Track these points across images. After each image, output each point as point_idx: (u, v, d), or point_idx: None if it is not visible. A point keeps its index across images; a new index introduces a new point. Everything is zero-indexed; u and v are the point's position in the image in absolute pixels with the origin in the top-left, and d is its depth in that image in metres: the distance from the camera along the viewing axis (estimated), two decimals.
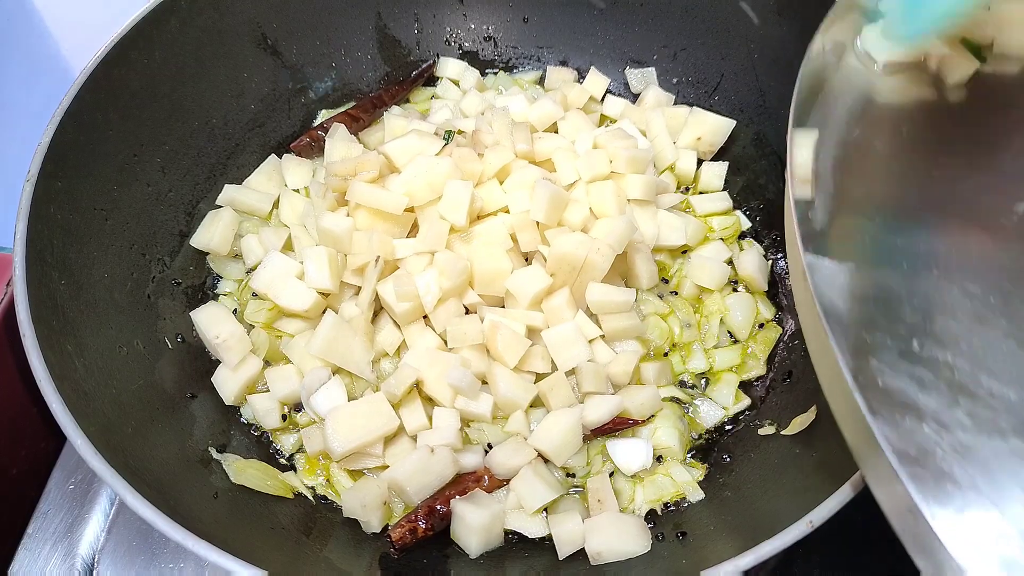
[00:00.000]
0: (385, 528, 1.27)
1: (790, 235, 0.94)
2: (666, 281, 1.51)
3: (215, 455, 1.27)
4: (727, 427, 1.40)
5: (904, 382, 0.83)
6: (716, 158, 1.67)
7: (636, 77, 1.76)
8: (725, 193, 1.62)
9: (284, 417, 1.37)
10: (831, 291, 0.88)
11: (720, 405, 1.40)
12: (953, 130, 1.06)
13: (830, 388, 0.89)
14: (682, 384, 1.44)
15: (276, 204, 1.58)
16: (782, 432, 1.30)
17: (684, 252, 1.54)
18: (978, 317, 0.89)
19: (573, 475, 1.33)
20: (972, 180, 1.03)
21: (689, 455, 1.37)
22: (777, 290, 1.53)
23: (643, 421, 1.34)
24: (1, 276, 1.33)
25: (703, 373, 1.45)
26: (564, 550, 1.22)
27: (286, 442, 1.36)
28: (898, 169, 1.04)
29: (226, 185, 1.57)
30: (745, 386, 1.44)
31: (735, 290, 1.52)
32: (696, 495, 1.30)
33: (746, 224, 1.61)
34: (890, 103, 1.09)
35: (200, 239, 1.50)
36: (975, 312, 0.89)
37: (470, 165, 1.40)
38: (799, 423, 1.28)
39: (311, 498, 1.30)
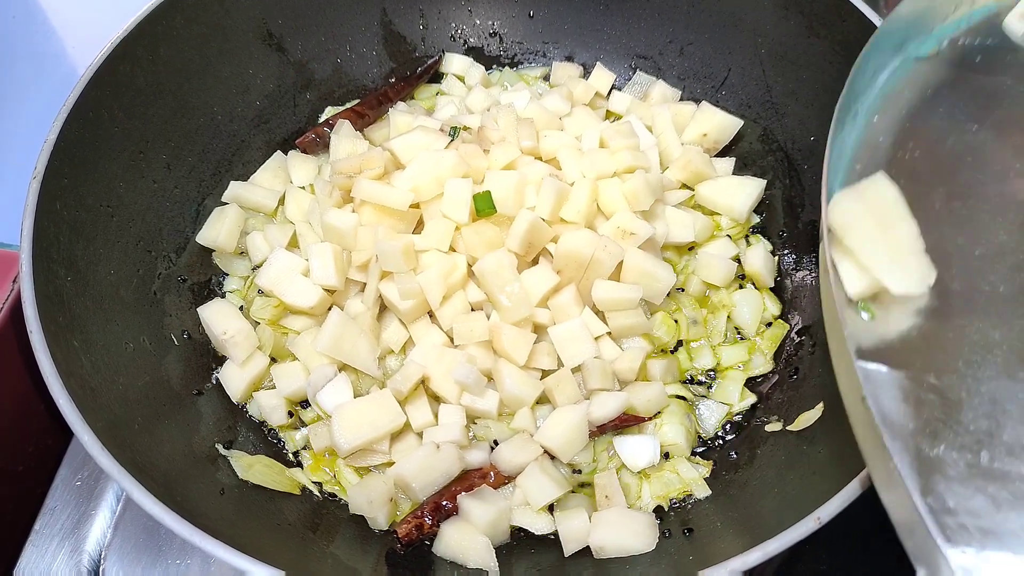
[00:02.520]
0: (391, 524, 1.27)
1: (838, 344, 0.84)
2: None
3: (222, 451, 1.27)
4: (734, 424, 1.39)
5: (978, 503, 0.72)
6: (722, 154, 1.66)
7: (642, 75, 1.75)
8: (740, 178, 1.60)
9: (290, 414, 1.38)
10: (887, 402, 0.78)
11: (725, 402, 1.40)
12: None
13: (895, 508, 0.78)
14: (689, 381, 1.43)
15: (282, 201, 1.58)
16: (788, 428, 1.30)
17: (691, 249, 1.54)
18: None
19: (579, 471, 1.32)
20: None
21: (696, 451, 1.36)
22: (783, 286, 1.53)
23: (649, 418, 1.34)
24: (8, 273, 1.34)
25: (710, 370, 1.44)
26: (570, 547, 1.22)
27: (292, 439, 1.36)
28: (933, 247, 0.91)
29: (231, 182, 1.58)
30: (752, 383, 1.43)
31: (742, 286, 1.52)
32: (703, 491, 1.29)
33: (754, 219, 1.60)
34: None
35: (206, 236, 1.50)
36: None
37: (475, 161, 1.40)
38: (805, 419, 1.27)
39: (317, 494, 1.30)
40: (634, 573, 1.16)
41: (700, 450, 1.37)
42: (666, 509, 1.29)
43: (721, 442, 1.38)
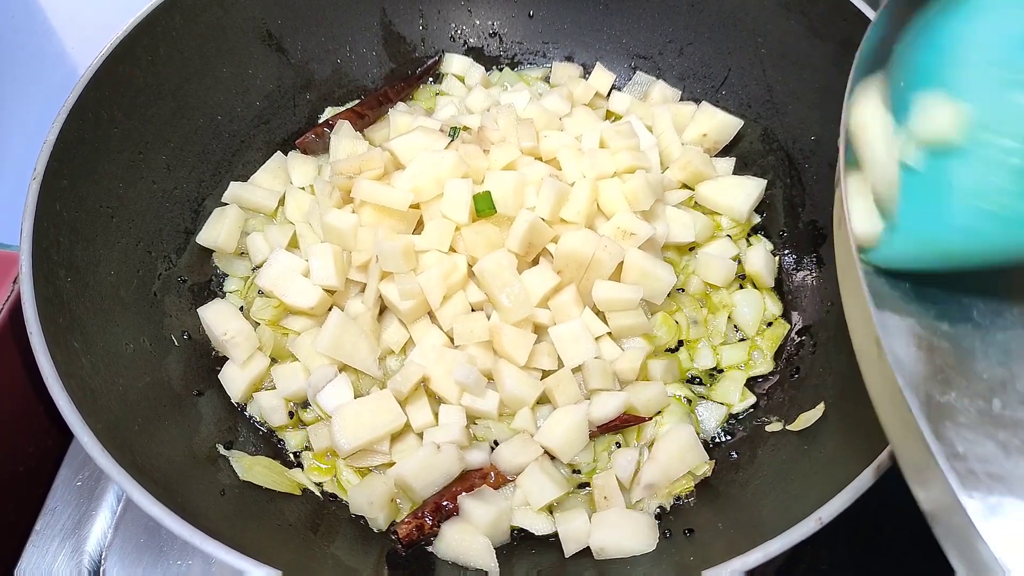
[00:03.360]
0: (392, 525, 1.27)
1: (852, 290, 0.83)
2: None
3: (222, 452, 1.27)
4: (735, 424, 1.39)
5: (989, 449, 0.73)
6: (722, 154, 1.66)
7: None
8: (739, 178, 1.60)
9: (291, 414, 1.37)
10: (899, 348, 0.77)
11: (725, 403, 1.40)
12: None
13: (905, 453, 0.78)
14: (690, 381, 1.43)
15: (282, 201, 1.58)
16: (789, 428, 1.30)
17: (691, 249, 1.53)
18: None
19: (579, 472, 1.32)
20: None
21: None
22: (784, 286, 1.53)
23: (649, 417, 1.33)
24: (7, 274, 1.34)
25: (711, 370, 1.44)
26: (570, 548, 1.22)
27: (292, 439, 1.36)
28: None
29: (231, 182, 1.57)
30: (752, 383, 1.43)
31: (742, 286, 1.51)
32: (703, 492, 1.29)
33: (754, 219, 1.60)
34: None
35: (206, 236, 1.50)
36: None
37: (475, 162, 1.39)
38: (805, 419, 1.27)
39: (318, 495, 1.30)
40: (635, 574, 1.16)
41: None
42: (667, 509, 1.29)
43: (722, 442, 1.38)
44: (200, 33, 1.50)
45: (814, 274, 1.49)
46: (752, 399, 1.40)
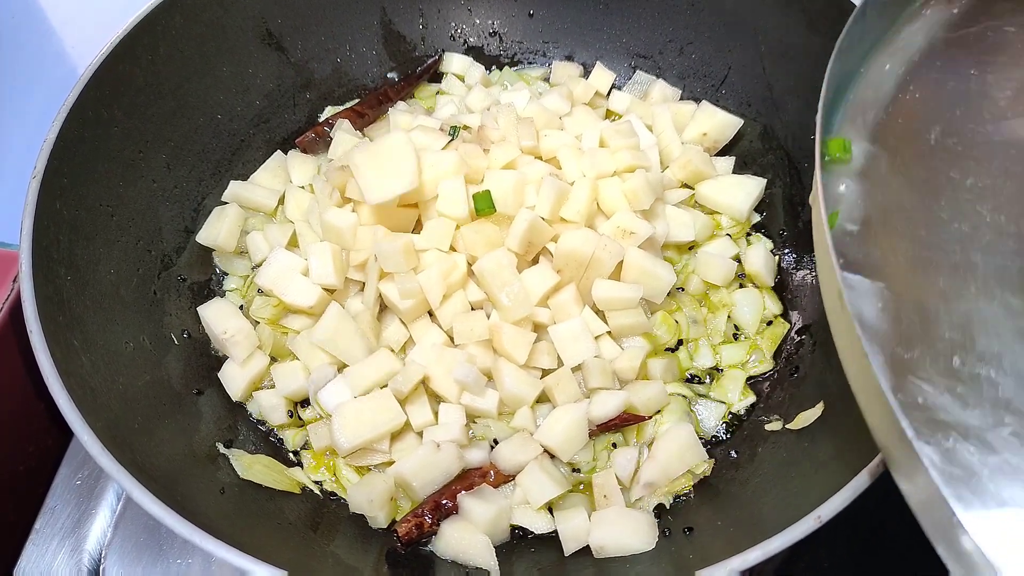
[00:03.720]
0: (392, 523, 1.27)
1: (822, 251, 0.90)
2: None
3: (222, 450, 1.27)
4: (734, 422, 1.39)
5: (946, 400, 0.80)
6: (722, 153, 1.66)
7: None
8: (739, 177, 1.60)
9: (290, 413, 1.37)
10: (867, 309, 0.85)
11: (724, 401, 1.40)
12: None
13: (869, 408, 0.86)
14: (689, 380, 1.43)
15: (282, 200, 1.58)
16: (788, 427, 1.30)
17: (691, 248, 1.53)
18: (1021, 333, 0.85)
19: (579, 470, 1.32)
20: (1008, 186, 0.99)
21: None
22: (784, 285, 1.53)
23: (649, 416, 1.34)
24: (8, 272, 1.34)
25: (710, 369, 1.44)
26: (569, 546, 1.22)
27: (292, 438, 1.36)
28: (926, 179, 1.01)
29: (231, 181, 1.58)
30: (752, 381, 1.43)
31: (742, 285, 1.52)
32: (702, 490, 1.29)
33: (754, 218, 1.60)
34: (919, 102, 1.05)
35: (206, 235, 1.50)
36: (1018, 328, 0.86)
37: (475, 161, 1.39)
38: (805, 418, 1.27)
39: (318, 493, 1.30)
40: (634, 572, 1.16)
41: None
42: (666, 508, 1.29)
43: (722, 440, 1.38)
44: (200, 32, 1.50)
45: (814, 273, 1.49)
46: (752, 398, 1.40)
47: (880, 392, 0.77)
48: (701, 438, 1.36)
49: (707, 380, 1.44)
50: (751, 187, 1.55)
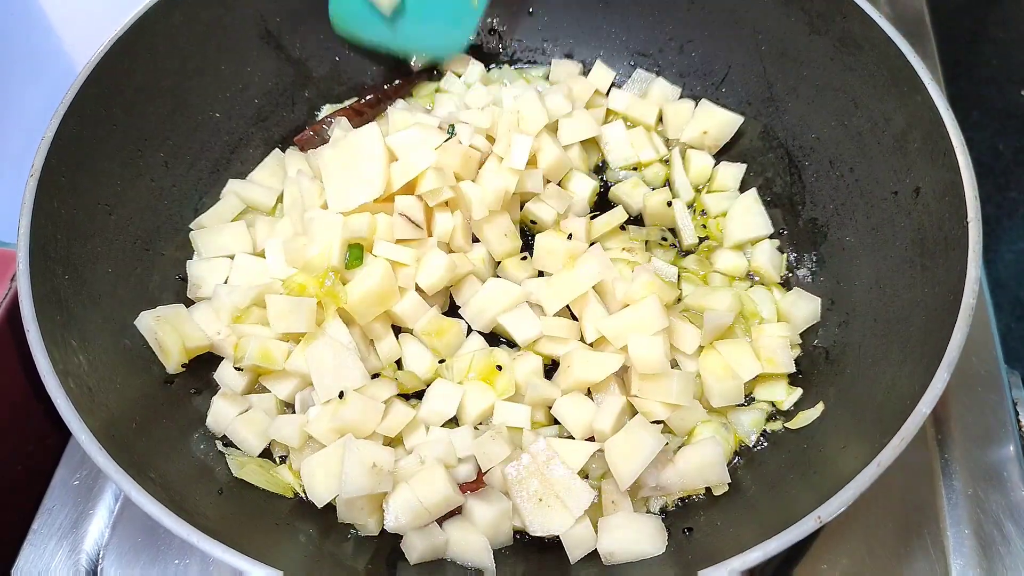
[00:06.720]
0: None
1: None
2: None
3: (220, 448, 1.27)
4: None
5: None
6: (722, 152, 1.66)
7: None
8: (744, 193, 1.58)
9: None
10: None
11: (773, 400, 1.36)
12: None
13: None
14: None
15: (280, 199, 1.57)
16: (788, 427, 1.29)
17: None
18: None
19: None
20: None
21: None
22: (785, 285, 1.52)
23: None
24: (5, 272, 1.33)
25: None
26: (575, 554, 1.20)
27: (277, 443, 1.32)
28: None
29: (230, 180, 1.57)
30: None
31: (752, 284, 1.51)
32: (703, 491, 1.29)
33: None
34: None
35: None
36: None
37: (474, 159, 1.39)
38: (804, 418, 1.27)
39: (303, 496, 1.28)
40: (634, 572, 1.16)
41: None
42: (667, 508, 1.28)
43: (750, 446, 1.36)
44: (199, 30, 1.49)
45: (814, 271, 1.49)
46: (799, 391, 1.34)
47: None
48: (741, 443, 1.33)
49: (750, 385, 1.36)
50: (735, 169, 1.60)
